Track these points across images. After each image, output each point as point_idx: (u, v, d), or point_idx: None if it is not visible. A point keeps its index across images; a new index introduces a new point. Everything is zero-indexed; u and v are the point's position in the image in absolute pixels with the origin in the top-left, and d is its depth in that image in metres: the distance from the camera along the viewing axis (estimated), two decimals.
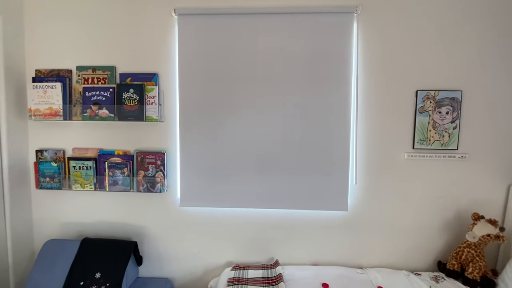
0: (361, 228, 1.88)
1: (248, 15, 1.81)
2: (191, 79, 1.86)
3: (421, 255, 1.87)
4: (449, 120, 1.80)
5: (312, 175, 1.85)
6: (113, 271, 1.65)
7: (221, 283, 1.67)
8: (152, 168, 1.87)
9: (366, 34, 1.79)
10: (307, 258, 1.91)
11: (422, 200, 1.85)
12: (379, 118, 1.83)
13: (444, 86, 1.79)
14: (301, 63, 1.81)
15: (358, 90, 1.81)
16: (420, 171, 1.83)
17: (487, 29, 1.74)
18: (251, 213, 1.92)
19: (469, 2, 1.73)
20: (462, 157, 1.80)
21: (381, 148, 1.84)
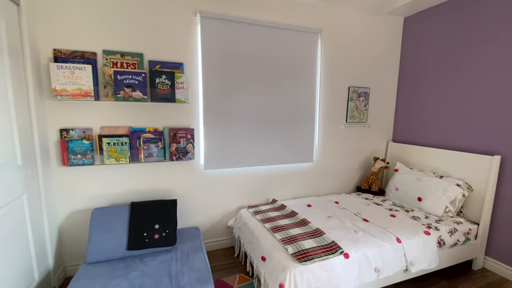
0: (320, 172, 2.89)
1: (251, 25, 2.37)
2: (211, 69, 2.28)
3: (349, 184, 3.08)
4: (364, 104, 3.00)
5: (291, 140, 2.68)
6: (167, 222, 2.01)
7: (244, 216, 2.31)
8: (183, 141, 2.24)
9: (325, 48, 2.70)
10: (290, 194, 2.78)
11: (350, 152, 3.02)
12: (330, 102, 2.83)
13: (361, 84, 2.96)
14: (284, 64, 2.54)
15: (320, 84, 2.76)
16: (349, 135, 2.99)
17: (382, 50, 2.98)
18: (252, 169, 2.58)
19: (379, 32, 2.91)
20: (368, 126, 3.07)
21: (330, 122, 2.87)
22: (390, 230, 1.99)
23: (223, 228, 2.55)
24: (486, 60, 2.25)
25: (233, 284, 2.03)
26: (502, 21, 2.13)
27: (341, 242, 1.80)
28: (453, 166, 2.47)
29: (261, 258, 1.84)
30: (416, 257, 1.90)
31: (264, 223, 2.10)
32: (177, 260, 1.82)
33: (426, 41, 2.74)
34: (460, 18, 2.42)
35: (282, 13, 2.45)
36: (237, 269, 2.22)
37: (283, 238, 1.85)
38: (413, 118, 2.92)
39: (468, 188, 2.33)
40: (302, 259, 1.62)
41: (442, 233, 2.06)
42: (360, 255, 1.74)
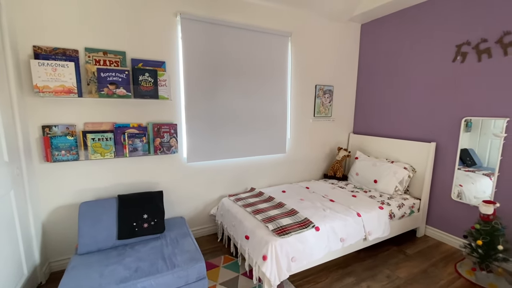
0: (292, 162, 3.21)
1: (229, 27, 2.56)
2: (192, 68, 2.43)
3: (317, 172, 3.45)
4: (328, 101, 3.38)
5: (267, 134, 2.95)
6: (155, 211, 2.13)
7: (226, 203, 2.51)
8: (167, 135, 2.37)
9: (294, 50, 2.99)
10: (266, 183, 3.05)
11: (317, 143, 3.39)
12: (300, 99, 3.14)
13: (326, 83, 3.32)
14: (259, 63, 2.79)
15: (290, 82, 3.05)
16: (317, 128, 3.35)
17: (343, 52, 3.37)
18: (231, 161, 2.79)
19: (340, 36, 3.28)
20: (333, 120, 3.46)
21: (300, 116, 3.19)
22: (352, 207, 2.36)
23: (206, 216, 2.74)
24: (420, 65, 2.73)
25: (219, 264, 2.24)
26: (429, 36, 2.61)
27: (313, 218, 2.11)
28: (401, 153, 2.94)
29: (244, 237, 2.08)
30: (373, 227, 2.30)
31: (246, 208, 2.33)
32: (167, 245, 1.97)
33: (378, 45, 3.18)
34: (404, 28, 2.87)
35: (256, 16, 2.67)
36: (221, 252, 2.43)
37: (263, 218, 2.11)
38: (369, 113, 3.38)
39: (412, 170, 2.81)
40: (281, 233, 1.89)
41: (393, 207, 2.50)
42: (328, 228, 2.06)
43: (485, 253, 2.05)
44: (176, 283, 1.69)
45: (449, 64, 2.51)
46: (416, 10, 2.74)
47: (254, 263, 1.91)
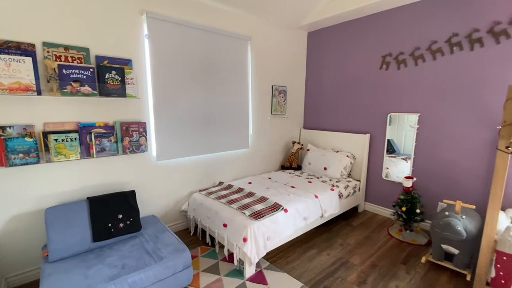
0: (254, 156, 3.48)
1: (195, 29, 2.67)
2: (160, 67, 2.46)
3: (276, 164, 3.82)
4: (283, 100, 3.76)
5: (232, 130, 3.16)
6: (130, 210, 2.12)
7: (198, 198, 2.64)
8: (136, 134, 2.35)
9: (253, 52, 3.26)
10: (232, 176, 3.25)
11: (275, 138, 3.74)
12: (259, 98, 3.43)
13: (281, 84, 3.69)
14: (223, 64, 2.97)
15: (251, 83, 3.31)
16: (274, 124, 3.69)
17: (294, 56, 3.80)
18: (199, 158, 2.91)
19: (291, 42, 3.68)
20: (287, 117, 3.87)
21: (260, 114, 3.48)
22: (310, 191, 2.76)
23: (177, 213, 2.79)
24: (356, 70, 3.33)
25: (197, 255, 2.37)
26: (362, 46, 3.22)
27: (281, 202, 2.42)
28: (344, 143, 3.51)
29: (222, 225, 2.26)
30: (327, 206, 2.74)
31: (219, 199, 2.51)
32: (148, 242, 2.02)
33: (322, 51, 3.71)
34: (343, 39, 3.44)
35: (220, 20, 2.84)
36: (197, 244, 2.55)
37: (239, 206, 2.32)
38: (317, 111, 3.89)
39: (353, 158, 3.40)
40: (257, 217, 2.15)
41: (341, 189, 3.01)
42: (294, 209, 2.40)
43: (408, 217, 2.69)
44: (165, 274, 1.78)
45: (377, 70, 3.14)
46: (352, 25, 3.32)
47: (235, 247, 2.11)
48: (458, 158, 2.61)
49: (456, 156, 2.63)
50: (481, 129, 2.44)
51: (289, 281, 2.04)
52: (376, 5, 2.85)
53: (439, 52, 2.61)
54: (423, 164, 2.87)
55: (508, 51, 2.24)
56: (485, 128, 2.42)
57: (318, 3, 3.14)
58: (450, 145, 2.65)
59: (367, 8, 2.93)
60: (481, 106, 2.43)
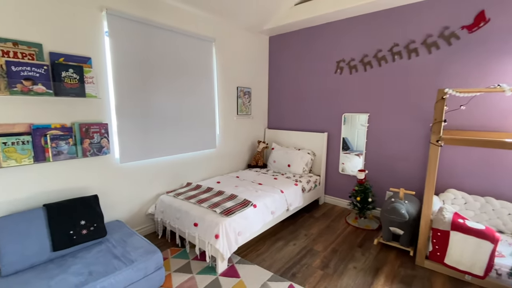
0: (222, 156, 3.52)
1: (159, 28, 2.63)
2: (122, 66, 2.37)
3: (243, 163, 3.91)
4: (248, 101, 3.88)
5: (198, 131, 3.17)
6: (93, 216, 2.02)
7: (166, 200, 2.60)
8: (97, 136, 2.22)
9: (218, 54, 3.31)
10: (200, 177, 3.25)
11: (241, 138, 3.84)
12: (225, 99, 3.49)
13: (245, 85, 3.81)
14: (189, 65, 2.97)
15: (217, 84, 3.36)
16: (240, 125, 3.79)
17: (257, 59, 3.94)
18: (165, 159, 2.86)
19: (254, 45, 3.81)
20: (252, 118, 3.99)
21: (226, 115, 3.54)
22: (276, 187, 2.92)
23: (143, 216, 2.71)
24: (314, 74, 3.61)
25: (168, 256, 2.35)
26: (319, 52, 3.51)
27: (250, 199, 2.52)
28: (305, 141, 3.77)
29: (193, 225, 2.28)
30: (292, 200, 2.93)
31: (189, 200, 2.51)
32: (115, 247, 1.95)
33: (283, 55, 3.92)
34: (302, 44, 3.69)
35: (184, 21, 2.84)
36: (166, 246, 2.52)
37: (209, 205, 2.37)
38: (279, 111, 4.10)
39: (314, 155, 3.67)
40: (228, 214, 2.22)
41: (304, 183, 3.23)
42: (262, 204, 2.53)
43: (362, 206, 3.01)
44: (136, 277, 1.75)
45: (333, 74, 3.45)
46: (310, 32, 3.58)
47: (207, 244, 2.16)
48: (401, 151, 3.01)
49: (399, 150, 3.03)
50: (418, 126, 2.86)
51: (260, 272, 2.15)
52: (330, 16, 3.13)
53: (383, 59, 2.99)
54: (373, 158, 3.24)
55: (438, 60, 2.68)
56: (421, 125, 2.84)
57: (279, 9, 3.32)
58: (395, 140, 3.05)
59: (322, 17, 3.20)
60: (417, 107, 2.84)
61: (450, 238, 2.06)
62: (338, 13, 3.06)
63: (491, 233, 1.93)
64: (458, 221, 2.04)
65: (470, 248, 1.98)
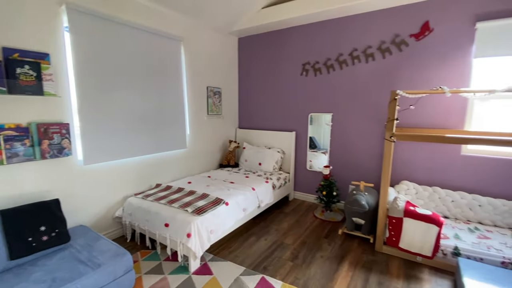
0: (192, 156, 3.50)
1: (125, 26, 2.56)
2: (85, 63, 2.27)
3: (214, 162, 3.92)
4: (218, 101, 3.90)
5: (168, 131, 3.11)
6: (54, 221, 1.91)
7: (135, 202, 2.52)
8: (57, 136, 2.10)
9: (187, 54, 3.29)
10: (171, 178, 3.20)
11: (212, 138, 3.84)
12: (195, 99, 3.48)
13: (215, 85, 3.83)
14: (157, 64, 2.91)
15: (186, 83, 3.33)
16: (211, 124, 3.80)
17: (227, 59, 3.98)
18: (133, 160, 2.77)
19: (224, 46, 3.84)
20: (223, 117, 4.02)
21: (197, 114, 3.53)
22: (248, 184, 3.00)
23: (109, 220, 2.61)
24: (282, 75, 3.75)
25: (138, 259, 2.30)
26: (287, 54, 3.67)
27: (222, 197, 2.56)
28: (274, 140, 3.89)
29: (164, 225, 2.26)
30: (263, 197, 3.03)
31: (159, 201, 2.48)
32: (80, 252, 1.87)
33: (252, 56, 4.02)
34: (270, 46, 3.81)
35: (152, 19, 2.79)
36: (136, 249, 2.46)
37: (180, 205, 2.36)
38: (250, 111, 4.18)
39: (283, 153, 3.81)
40: (200, 212, 2.24)
41: (274, 181, 3.35)
42: (234, 202, 2.59)
43: (328, 200, 3.21)
44: (104, 281, 1.70)
45: (299, 76, 3.62)
46: (278, 34, 3.72)
47: (178, 244, 2.15)
48: (361, 147, 3.27)
49: (360, 146, 3.28)
50: (376, 124, 3.13)
51: (233, 268, 2.20)
52: (295, 20, 3.30)
53: (344, 63, 3.22)
54: (337, 155, 3.47)
55: (391, 64, 2.96)
56: (378, 124, 3.11)
57: (246, 12, 3.41)
58: (355, 137, 3.29)
59: (288, 21, 3.35)
60: (375, 106, 3.11)
61: (403, 224, 2.30)
62: (302, 18, 3.23)
63: (437, 218, 2.19)
64: (409, 209, 2.29)
65: (420, 232, 2.23)
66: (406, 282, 2.05)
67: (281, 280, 2.06)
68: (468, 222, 2.59)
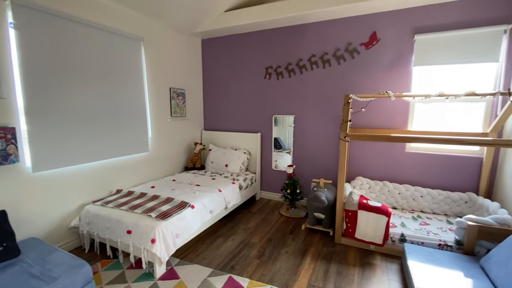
0: (155, 159, 3.41)
1: (80, 24, 2.41)
2: (34, 63, 2.10)
3: (179, 165, 3.85)
4: (182, 102, 3.85)
5: (128, 134, 3.00)
6: (1, 234, 1.75)
7: (93, 210, 2.39)
8: (1, 142, 1.92)
9: (148, 54, 3.20)
10: (132, 183, 3.08)
11: (176, 140, 3.77)
12: (157, 100, 3.39)
13: (179, 86, 3.77)
14: (115, 65, 2.80)
15: (147, 85, 3.24)
16: (175, 126, 3.73)
17: (190, 60, 3.95)
18: (91, 165, 2.63)
19: (187, 47, 3.81)
20: (187, 119, 3.98)
21: (159, 116, 3.45)
22: (214, 186, 3.02)
23: (65, 231, 2.45)
24: (246, 78, 3.85)
25: (98, 270, 2.19)
26: (250, 57, 3.77)
27: (187, 200, 2.56)
28: (240, 142, 3.97)
29: (126, 232, 2.19)
30: (230, 198, 3.08)
31: (120, 207, 2.39)
32: (32, 266, 1.74)
33: (216, 58, 4.05)
34: (234, 49, 3.88)
35: (109, 17, 2.68)
36: (95, 260, 2.34)
37: (143, 210, 2.31)
38: (215, 113, 4.20)
39: (249, 154, 3.90)
40: (165, 217, 2.22)
41: (241, 181, 3.42)
42: (200, 205, 2.60)
43: (292, 197, 3.37)
44: None
45: (263, 80, 3.74)
46: (241, 38, 3.80)
47: (142, 250, 2.11)
48: (321, 147, 3.49)
49: (319, 145, 3.50)
50: (333, 125, 3.37)
51: (200, 270, 2.22)
52: (256, 25, 3.41)
53: (304, 68, 3.42)
54: (299, 154, 3.66)
55: (345, 70, 3.22)
56: (335, 125, 3.35)
57: (209, 14, 3.43)
58: (315, 138, 3.51)
59: (250, 25, 3.45)
60: (331, 109, 3.35)
61: (358, 216, 2.52)
62: (263, 23, 3.36)
63: (386, 209, 2.45)
64: (363, 202, 2.52)
65: (372, 222, 2.47)
66: (361, 269, 2.26)
67: (248, 277, 2.14)
68: (412, 212, 2.93)
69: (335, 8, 2.86)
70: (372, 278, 2.15)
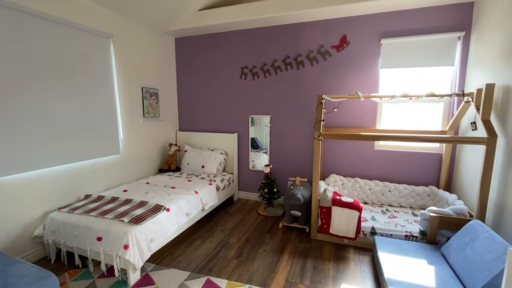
0: (127, 162, 3.26)
1: (40, 18, 2.24)
2: None
3: (153, 168, 3.71)
4: (155, 102, 3.73)
5: (97, 136, 2.84)
6: None
7: (58, 217, 2.24)
8: None
9: (118, 52, 3.06)
10: (103, 187, 2.92)
11: (150, 141, 3.65)
12: (128, 100, 3.25)
13: (152, 86, 3.65)
14: (81, 63, 2.63)
15: (117, 84, 3.10)
16: (148, 127, 3.60)
17: (163, 59, 3.84)
18: (56, 170, 2.46)
19: (160, 45, 3.69)
20: (161, 120, 3.87)
21: (131, 117, 3.31)
22: (191, 188, 2.97)
23: (27, 241, 2.27)
24: (221, 78, 3.83)
25: (66, 281, 2.06)
26: (225, 58, 3.76)
27: (162, 203, 2.49)
28: (217, 142, 3.94)
29: (96, 239, 2.08)
30: (207, 199, 3.04)
31: (89, 213, 2.27)
32: None
33: (190, 57, 3.98)
34: (209, 49, 3.84)
35: (73, 11, 2.52)
36: (62, 270, 2.20)
37: (115, 215, 2.21)
38: (190, 113, 4.13)
39: (226, 154, 3.88)
40: (138, 221, 2.14)
41: (218, 182, 3.39)
42: (176, 207, 2.54)
43: (269, 196, 3.41)
44: None
45: (238, 80, 3.75)
46: (216, 37, 3.77)
47: (114, 257, 2.02)
48: (296, 146, 3.58)
49: (295, 144, 3.58)
50: (307, 124, 3.46)
51: (177, 274, 2.18)
52: (231, 25, 3.41)
53: (278, 69, 3.48)
54: (276, 154, 3.71)
55: (317, 71, 3.32)
56: (309, 124, 3.45)
57: (182, 12, 3.36)
58: (291, 137, 3.59)
59: (223, 25, 3.44)
60: (305, 109, 3.44)
61: (332, 212, 2.62)
62: (237, 23, 3.36)
63: (357, 204, 2.57)
64: (336, 198, 2.63)
65: (345, 218, 2.58)
66: (336, 263, 2.35)
67: (226, 279, 2.13)
68: (381, 206, 3.10)
69: (307, 11, 2.94)
70: (346, 271, 2.24)
